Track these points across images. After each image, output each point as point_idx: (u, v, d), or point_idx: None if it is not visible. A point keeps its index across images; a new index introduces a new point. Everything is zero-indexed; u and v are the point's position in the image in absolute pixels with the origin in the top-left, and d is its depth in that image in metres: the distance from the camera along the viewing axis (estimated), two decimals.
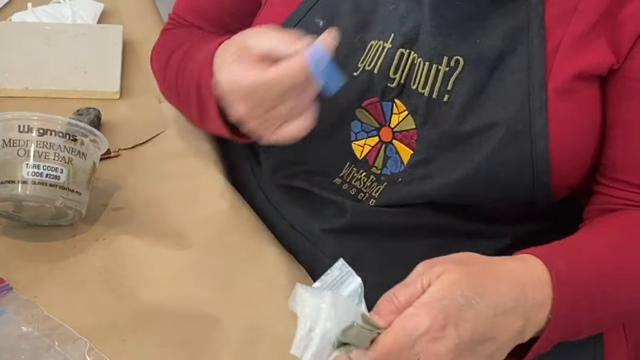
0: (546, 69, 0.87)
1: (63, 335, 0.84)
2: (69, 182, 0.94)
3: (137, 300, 0.91)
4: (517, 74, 0.87)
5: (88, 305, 0.89)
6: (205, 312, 0.90)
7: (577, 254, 0.82)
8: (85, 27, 1.42)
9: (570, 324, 0.79)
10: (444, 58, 0.89)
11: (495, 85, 0.88)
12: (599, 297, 0.81)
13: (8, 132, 0.94)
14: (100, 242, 0.98)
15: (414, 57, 0.91)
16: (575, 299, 0.78)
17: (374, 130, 0.94)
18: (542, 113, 0.86)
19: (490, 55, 0.88)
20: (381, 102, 0.93)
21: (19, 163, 0.93)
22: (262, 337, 0.88)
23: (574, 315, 0.79)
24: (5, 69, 1.26)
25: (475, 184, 0.89)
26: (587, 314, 0.80)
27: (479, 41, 0.88)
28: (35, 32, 1.36)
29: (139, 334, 0.87)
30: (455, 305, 0.72)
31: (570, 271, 0.78)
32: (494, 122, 0.87)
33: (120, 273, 0.94)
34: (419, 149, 0.92)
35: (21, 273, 0.92)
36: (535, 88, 0.86)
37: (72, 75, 1.27)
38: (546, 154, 0.87)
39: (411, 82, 0.91)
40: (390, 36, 0.92)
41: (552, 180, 0.89)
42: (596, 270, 0.81)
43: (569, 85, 0.86)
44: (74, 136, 0.95)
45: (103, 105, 1.21)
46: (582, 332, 0.83)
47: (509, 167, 0.88)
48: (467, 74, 0.88)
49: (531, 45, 0.87)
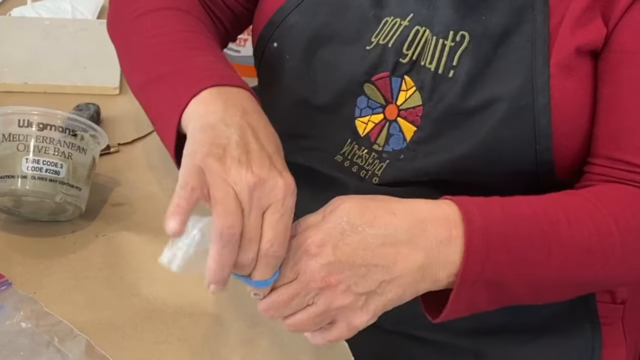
0: (549, 46, 0.87)
1: (62, 332, 0.84)
2: (68, 177, 0.94)
3: (137, 296, 0.90)
4: (521, 50, 0.87)
5: (88, 302, 0.89)
6: (206, 308, 0.90)
7: (497, 206, 0.80)
8: (85, 22, 1.41)
9: (486, 270, 0.77)
10: (450, 33, 0.89)
11: (500, 61, 0.88)
12: (516, 250, 0.79)
13: (8, 126, 0.93)
14: (100, 238, 0.97)
15: (427, 34, 0.91)
16: (489, 242, 0.77)
17: (380, 107, 0.94)
18: (545, 89, 0.86)
19: (495, 32, 0.88)
20: (391, 78, 0.93)
21: (19, 158, 0.92)
22: (262, 334, 0.88)
23: (488, 259, 0.77)
24: (4, 64, 1.25)
25: (478, 160, 0.89)
26: (504, 265, 0.78)
27: (485, 17, 0.88)
28: (34, 27, 1.36)
29: (139, 331, 0.86)
30: (338, 229, 0.75)
31: (484, 217, 0.78)
32: (497, 98, 0.87)
33: (120, 269, 0.93)
34: (422, 125, 0.91)
35: (20, 269, 0.91)
36: (539, 64, 0.87)
37: (71, 71, 1.27)
38: (549, 130, 0.87)
39: (422, 58, 0.91)
40: (409, 15, 0.92)
41: (555, 158, 0.89)
42: (510, 224, 0.79)
43: (570, 61, 0.87)
44: (73, 131, 0.95)
45: (102, 100, 1.20)
46: (505, 290, 0.80)
47: (512, 144, 0.88)
48: (472, 49, 0.88)
49: (535, 22, 0.87)
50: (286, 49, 0.97)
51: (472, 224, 0.77)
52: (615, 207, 0.84)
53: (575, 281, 0.84)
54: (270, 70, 1.00)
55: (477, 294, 0.79)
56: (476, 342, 1.01)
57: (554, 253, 0.79)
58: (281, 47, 0.97)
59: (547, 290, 0.84)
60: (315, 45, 0.95)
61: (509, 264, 0.78)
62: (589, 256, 0.82)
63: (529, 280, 0.80)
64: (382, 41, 0.93)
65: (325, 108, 0.96)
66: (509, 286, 0.80)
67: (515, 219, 0.79)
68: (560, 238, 0.80)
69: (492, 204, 0.80)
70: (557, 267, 0.80)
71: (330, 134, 0.97)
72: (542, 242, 0.79)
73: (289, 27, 0.97)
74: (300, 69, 0.97)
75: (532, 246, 0.79)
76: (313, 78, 0.96)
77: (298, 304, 0.76)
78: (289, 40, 0.97)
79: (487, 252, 0.77)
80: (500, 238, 0.78)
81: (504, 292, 0.80)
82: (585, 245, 0.81)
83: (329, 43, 0.95)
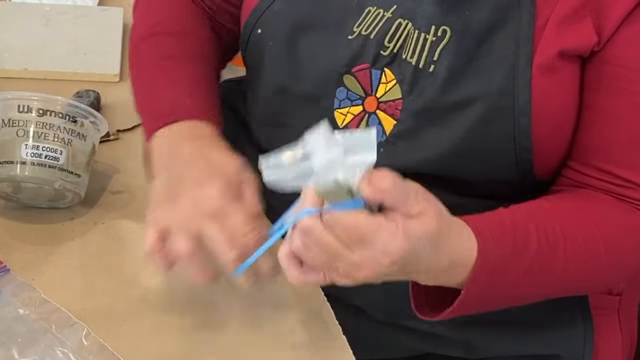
0: (533, 46, 0.86)
1: (60, 319, 0.83)
2: (68, 163, 0.94)
3: (136, 285, 0.90)
4: (505, 48, 0.87)
5: (86, 289, 0.89)
6: (205, 298, 0.89)
7: (509, 243, 0.82)
8: (86, 8, 1.41)
9: (482, 301, 0.83)
10: (432, 27, 0.89)
11: (482, 59, 0.88)
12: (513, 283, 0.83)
13: (7, 111, 0.93)
14: (99, 226, 0.97)
15: (409, 28, 0.90)
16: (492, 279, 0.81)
17: (359, 99, 0.93)
18: (526, 89, 0.86)
19: (478, 28, 0.87)
20: (371, 70, 0.92)
21: (18, 143, 0.92)
22: (262, 323, 0.88)
23: (487, 294, 0.81)
24: (4, 50, 1.25)
25: (458, 157, 0.89)
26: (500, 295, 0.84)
27: (468, 13, 0.88)
28: (35, 13, 1.35)
29: (137, 319, 0.86)
30: (415, 253, 0.72)
31: (497, 257, 0.80)
32: (478, 96, 0.87)
33: (119, 257, 0.93)
34: (402, 119, 0.91)
35: (19, 255, 0.91)
36: (521, 64, 0.86)
37: (71, 57, 1.26)
38: (528, 130, 0.87)
39: (403, 51, 0.91)
40: (392, 7, 0.91)
41: (534, 158, 0.89)
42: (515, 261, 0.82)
43: (552, 63, 0.86)
44: (74, 117, 0.94)
45: (103, 87, 1.20)
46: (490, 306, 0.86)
47: (492, 142, 0.88)
48: (453, 45, 0.88)
49: (520, 22, 0.87)
50: (269, 35, 0.97)
51: (484, 266, 0.79)
52: (606, 227, 0.88)
53: (558, 294, 0.90)
54: (253, 57, 1.01)
55: (474, 308, 0.84)
56: (468, 333, 1.01)
57: (546, 280, 0.85)
58: (265, 33, 0.98)
59: (534, 300, 0.90)
60: (297, 32, 0.95)
61: (508, 289, 0.83)
62: (576, 280, 0.88)
63: (522, 297, 0.88)
64: (365, 32, 0.92)
65: (305, 97, 0.96)
66: (503, 302, 0.87)
67: (521, 250, 0.82)
68: (555, 269, 0.84)
69: (506, 234, 0.82)
70: (546, 289, 0.87)
71: (310, 124, 0.96)
72: (539, 272, 0.83)
73: (273, 14, 0.97)
74: (282, 56, 0.97)
75: (530, 275, 0.83)
76: (295, 66, 0.96)
77: (342, 262, 0.73)
78: (272, 27, 0.97)
79: (490, 283, 0.81)
80: (503, 276, 0.81)
81: (498, 305, 0.88)
82: (575, 273, 0.86)
83: (312, 31, 0.95)
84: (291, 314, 0.89)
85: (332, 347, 0.86)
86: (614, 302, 1.04)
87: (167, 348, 0.83)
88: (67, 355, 0.80)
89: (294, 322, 0.88)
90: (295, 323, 0.88)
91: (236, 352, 0.84)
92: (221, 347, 0.84)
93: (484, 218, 0.82)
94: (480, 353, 1.03)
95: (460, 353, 1.03)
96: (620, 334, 1.04)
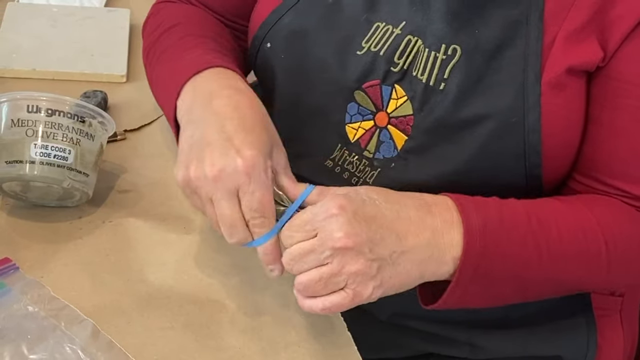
0: (542, 63, 0.87)
1: (69, 316, 0.84)
2: (76, 163, 0.94)
3: (143, 282, 0.91)
4: (514, 66, 0.87)
5: (94, 287, 0.89)
6: (211, 296, 0.90)
7: (494, 209, 0.84)
8: (93, 10, 1.42)
9: (481, 265, 0.81)
10: (442, 46, 0.89)
11: (492, 77, 0.88)
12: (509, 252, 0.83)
13: (17, 112, 0.93)
14: (107, 224, 0.98)
15: (420, 45, 0.91)
16: (485, 241, 0.81)
17: (370, 114, 0.94)
18: (536, 106, 0.87)
19: (488, 46, 0.88)
20: (381, 86, 0.93)
21: (27, 143, 0.93)
22: (265, 322, 0.88)
23: (484, 257, 0.81)
24: (13, 50, 1.26)
25: (470, 173, 0.90)
26: (498, 263, 0.82)
27: (478, 31, 0.88)
28: (42, 14, 1.36)
29: (145, 316, 0.87)
30: (358, 198, 0.80)
31: (482, 219, 0.82)
32: (488, 113, 0.88)
33: (127, 255, 0.94)
34: (413, 135, 0.92)
35: (27, 253, 0.92)
36: (530, 81, 0.87)
37: (79, 58, 1.27)
38: (538, 147, 0.88)
39: (413, 68, 0.91)
40: (401, 23, 0.92)
41: (543, 173, 0.90)
42: (505, 228, 0.83)
43: (561, 79, 0.87)
44: (82, 117, 0.95)
45: (110, 88, 1.21)
46: (495, 287, 0.85)
47: (503, 159, 0.89)
48: (463, 63, 0.88)
49: (529, 39, 0.87)
50: (279, 49, 0.98)
51: (470, 225, 0.81)
52: (605, 218, 0.87)
53: (559, 284, 0.88)
54: (263, 71, 1.01)
55: (472, 287, 0.82)
56: (471, 334, 1.02)
57: (543, 258, 0.84)
58: (274, 47, 0.98)
59: (533, 290, 0.88)
60: (306, 46, 0.95)
61: (502, 263, 0.82)
62: (575, 262, 0.86)
63: (517, 280, 0.85)
64: (374, 48, 0.92)
65: (315, 111, 0.96)
66: (498, 284, 0.84)
67: (510, 223, 0.83)
68: (551, 245, 0.84)
69: (490, 207, 0.83)
70: (545, 270, 0.84)
71: (321, 138, 0.97)
72: (534, 247, 0.83)
73: (282, 28, 0.97)
74: (293, 70, 0.97)
75: (524, 250, 0.83)
76: (306, 79, 0.96)
77: (313, 260, 0.78)
78: (282, 41, 0.97)
79: (483, 249, 0.81)
80: (495, 239, 0.81)
81: (494, 289, 0.84)
82: (572, 253, 0.85)
83: (321, 45, 0.95)
84: (297, 311, 0.90)
85: (337, 343, 0.87)
86: (617, 303, 1.04)
87: (174, 344, 0.84)
88: (76, 351, 0.80)
89: (299, 319, 0.89)
90: (300, 320, 0.89)
91: (242, 349, 0.85)
92: (227, 344, 0.85)
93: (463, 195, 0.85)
94: (483, 354, 1.03)
95: (463, 354, 1.03)
96: (622, 334, 1.04)
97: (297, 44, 0.96)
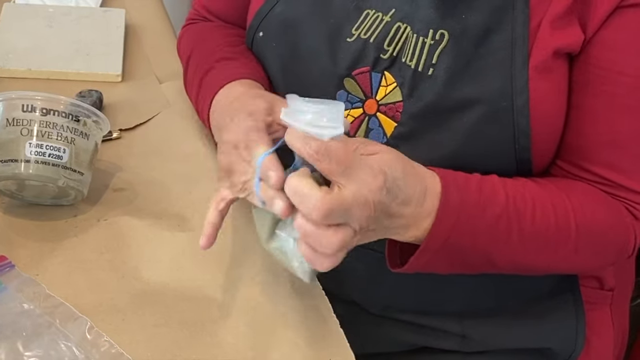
0: (529, 47, 0.87)
1: (64, 314, 0.85)
2: (71, 162, 0.95)
3: (138, 280, 0.91)
4: (501, 51, 0.88)
5: (89, 285, 0.90)
6: (207, 293, 0.91)
7: (475, 189, 0.85)
8: (88, 10, 1.42)
9: (451, 238, 0.83)
10: (430, 31, 0.90)
11: (480, 61, 0.89)
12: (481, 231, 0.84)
13: (12, 111, 0.94)
14: (102, 223, 0.98)
15: (408, 32, 0.91)
16: (458, 219, 0.82)
17: (359, 102, 0.95)
18: (524, 91, 0.87)
19: (475, 31, 0.88)
20: (371, 73, 0.93)
21: (22, 142, 0.93)
22: (263, 319, 0.89)
23: (453, 232, 0.82)
24: (8, 50, 1.26)
25: (460, 158, 0.90)
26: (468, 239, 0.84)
27: (465, 16, 0.89)
28: (38, 14, 1.36)
29: (140, 314, 0.87)
30: (392, 180, 0.78)
31: (460, 198, 0.83)
32: (477, 98, 0.88)
33: (122, 253, 0.94)
34: (403, 121, 0.92)
35: (23, 251, 0.92)
36: (518, 66, 0.87)
37: (74, 58, 1.27)
38: (527, 130, 0.88)
39: (403, 54, 0.92)
40: (391, 10, 0.92)
41: (533, 157, 0.90)
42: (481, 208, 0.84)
43: (548, 63, 0.88)
44: (76, 117, 0.96)
45: (105, 87, 1.21)
46: (464, 258, 0.85)
47: (492, 143, 0.90)
48: (451, 48, 0.89)
49: (515, 24, 0.88)
50: (271, 38, 0.99)
51: (447, 199, 0.82)
52: (580, 203, 0.89)
53: (527, 264, 0.89)
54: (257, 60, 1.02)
55: (439, 255, 0.83)
56: (462, 325, 1.03)
57: (513, 240, 0.85)
58: (266, 36, 0.99)
59: (500, 266, 0.89)
60: (297, 35, 0.96)
61: (471, 238, 0.83)
62: (544, 246, 0.87)
63: (485, 256, 0.86)
64: (364, 35, 0.93)
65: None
66: (466, 256, 0.85)
67: (486, 202, 0.84)
68: (522, 228, 0.85)
69: (471, 183, 0.84)
70: (512, 251, 0.86)
71: None
72: (505, 227, 0.84)
73: (274, 17, 0.98)
74: (284, 58, 0.98)
75: (495, 229, 0.84)
76: (296, 68, 0.97)
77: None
78: (273, 30, 0.98)
79: (455, 224, 0.82)
80: (469, 215, 0.83)
81: (460, 260, 0.86)
82: (543, 237, 0.86)
83: (311, 33, 0.95)
84: (290, 307, 0.90)
85: (329, 340, 0.87)
86: (607, 297, 1.05)
87: (169, 341, 0.85)
88: (71, 348, 0.81)
89: (292, 316, 0.89)
90: (294, 316, 0.89)
91: (236, 346, 0.85)
92: (221, 341, 0.86)
93: (451, 171, 0.85)
94: (475, 346, 1.04)
95: (455, 346, 1.04)
96: (612, 328, 1.05)
97: (289, 33, 0.97)
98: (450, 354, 1.05)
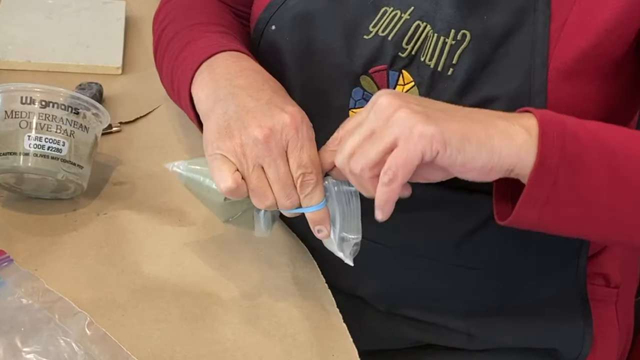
0: (549, 49, 0.86)
1: (63, 309, 0.84)
2: (70, 155, 0.94)
3: (138, 275, 0.91)
4: (521, 52, 0.87)
5: (88, 279, 0.89)
6: (206, 288, 0.90)
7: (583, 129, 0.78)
8: (89, 1, 1.41)
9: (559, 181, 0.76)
10: (452, 31, 0.89)
11: (499, 62, 0.87)
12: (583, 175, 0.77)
13: (10, 103, 0.93)
14: (102, 217, 0.98)
15: (428, 30, 0.90)
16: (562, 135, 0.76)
17: None
18: (542, 92, 0.86)
19: (496, 32, 0.87)
20: (388, 71, 0.92)
21: (21, 135, 0.92)
22: (261, 315, 0.88)
23: (559, 172, 0.75)
24: (8, 42, 1.25)
25: None
26: (569, 183, 0.76)
27: (486, 17, 0.88)
28: (38, 6, 1.36)
29: (139, 309, 0.87)
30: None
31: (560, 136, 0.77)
32: (495, 98, 0.87)
33: (121, 248, 0.94)
34: None
35: (22, 245, 0.92)
36: (537, 66, 0.86)
37: (74, 50, 1.27)
38: None
39: (421, 53, 0.91)
40: (409, 8, 0.91)
41: None
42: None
43: (571, 65, 0.86)
44: (76, 109, 0.95)
45: (105, 80, 1.21)
46: (563, 210, 0.77)
47: None
48: (472, 48, 0.88)
49: (536, 25, 0.86)
50: (284, 32, 0.97)
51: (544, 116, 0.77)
52: None
53: (625, 218, 0.79)
54: (267, 54, 1.00)
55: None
56: (468, 324, 1.02)
57: (617, 186, 0.77)
58: (279, 30, 0.97)
59: (600, 221, 0.80)
60: (312, 29, 0.95)
61: (573, 184, 0.76)
62: None
63: (585, 205, 0.77)
64: (382, 33, 0.92)
65: (319, 95, 0.95)
66: (567, 206, 0.77)
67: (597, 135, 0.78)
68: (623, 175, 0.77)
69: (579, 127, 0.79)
70: (615, 200, 0.77)
71: (324, 123, 0.97)
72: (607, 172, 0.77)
73: (288, 10, 0.96)
74: (298, 53, 0.96)
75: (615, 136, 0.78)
76: (311, 63, 0.95)
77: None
78: (287, 24, 0.96)
79: (559, 166, 0.76)
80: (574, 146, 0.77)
81: (562, 212, 0.78)
82: None
83: (327, 29, 0.94)
84: (292, 302, 0.90)
85: (332, 336, 0.87)
86: (612, 295, 1.04)
87: (169, 337, 0.84)
88: (70, 344, 0.80)
89: (295, 311, 0.89)
90: (296, 312, 0.89)
91: (237, 341, 0.85)
92: (222, 336, 0.85)
93: None
94: (480, 344, 1.03)
95: (460, 344, 1.03)
96: (617, 326, 1.05)
97: (303, 27, 0.95)
98: (455, 351, 1.04)
